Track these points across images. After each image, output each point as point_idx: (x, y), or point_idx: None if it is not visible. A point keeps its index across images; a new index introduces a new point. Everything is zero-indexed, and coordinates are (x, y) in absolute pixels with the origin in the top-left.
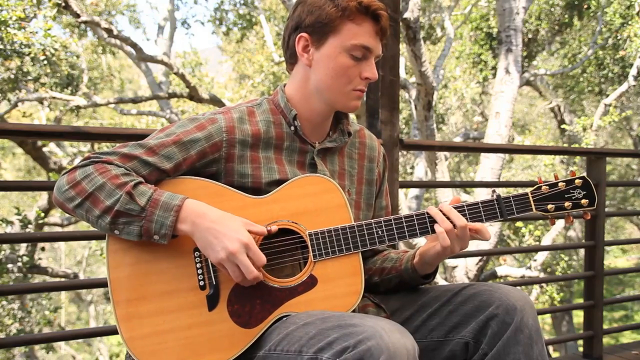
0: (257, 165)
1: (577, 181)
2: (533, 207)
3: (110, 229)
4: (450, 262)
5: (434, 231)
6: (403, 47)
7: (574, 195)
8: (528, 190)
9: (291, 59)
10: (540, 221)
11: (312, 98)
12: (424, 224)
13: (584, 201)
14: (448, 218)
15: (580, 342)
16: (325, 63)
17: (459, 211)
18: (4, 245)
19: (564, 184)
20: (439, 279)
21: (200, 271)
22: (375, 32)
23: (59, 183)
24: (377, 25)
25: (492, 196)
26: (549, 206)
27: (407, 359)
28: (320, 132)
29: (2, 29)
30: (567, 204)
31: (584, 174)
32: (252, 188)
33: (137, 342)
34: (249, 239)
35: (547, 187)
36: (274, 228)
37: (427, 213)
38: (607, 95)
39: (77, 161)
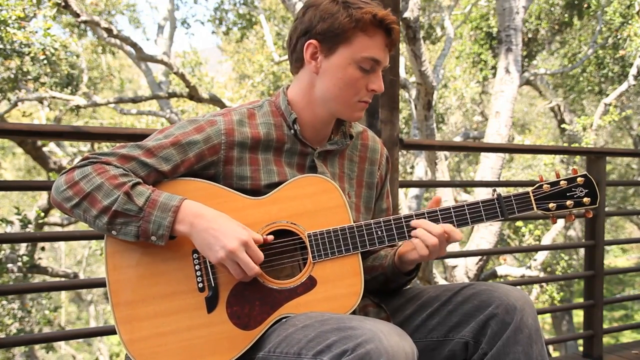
0: (256, 168)
1: (579, 179)
2: (534, 206)
3: (108, 229)
4: (450, 261)
5: None
6: (403, 47)
7: (576, 194)
8: (529, 189)
9: (297, 63)
10: (540, 221)
11: (316, 105)
12: None
13: (585, 199)
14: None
15: (580, 341)
16: (333, 73)
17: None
18: (4, 245)
19: (566, 182)
20: (439, 279)
21: (199, 273)
22: (386, 45)
23: (56, 183)
24: (389, 38)
25: (493, 195)
26: (551, 205)
27: None
28: (321, 135)
29: (2, 28)
30: (568, 202)
31: (586, 172)
32: (251, 190)
33: (136, 345)
34: (248, 237)
35: (549, 185)
36: (270, 237)
37: (426, 212)
38: (607, 95)
39: (77, 161)
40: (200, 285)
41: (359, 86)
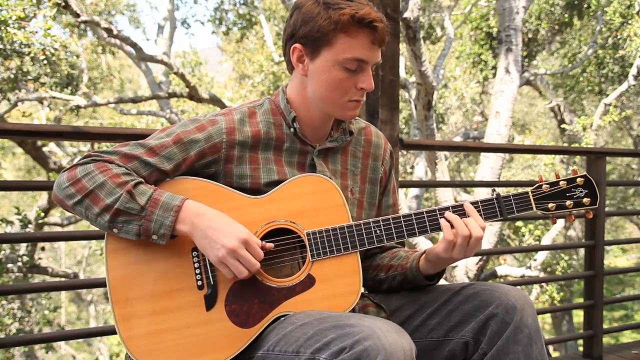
0: (256, 166)
1: (578, 180)
2: (534, 206)
3: (109, 227)
4: None
5: (432, 231)
6: (403, 47)
7: (576, 194)
8: (528, 189)
9: (289, 65)
10: (540, 221)
11: (310, 104)
12: (423, 223)
13: (585, 200)
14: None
15: (580, 341)
16: (319, 75)
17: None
18: (4, 245)
19: (566, 182)
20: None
21: (198, 271)
22: (372, 42)
23: (58, 180)
24: (374, 35)
25: (492, 195)
26: (550, 205)
27: (404, 359)
28: (320, 133)
29: (2, 28)
30: (568, 202)
31: (585, 173)
32: (251, 189)
33: (135, 342)
34: (248, 235)
35: (548, 185)
36: (269, 245)
37: (425, 212)
38: (607, 95)
39: (77, 160)
40: (200, 283)
41: (346, 86)
